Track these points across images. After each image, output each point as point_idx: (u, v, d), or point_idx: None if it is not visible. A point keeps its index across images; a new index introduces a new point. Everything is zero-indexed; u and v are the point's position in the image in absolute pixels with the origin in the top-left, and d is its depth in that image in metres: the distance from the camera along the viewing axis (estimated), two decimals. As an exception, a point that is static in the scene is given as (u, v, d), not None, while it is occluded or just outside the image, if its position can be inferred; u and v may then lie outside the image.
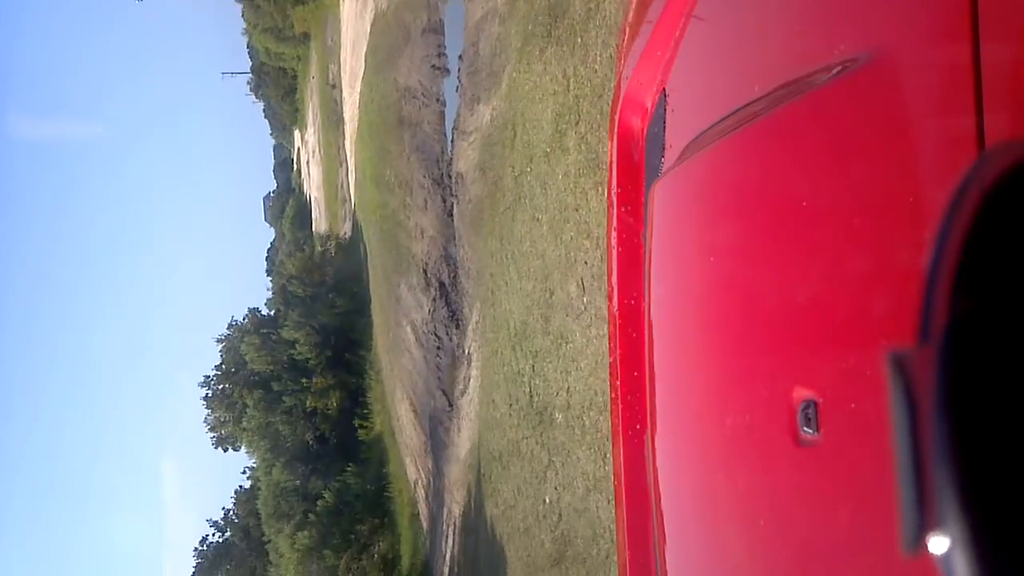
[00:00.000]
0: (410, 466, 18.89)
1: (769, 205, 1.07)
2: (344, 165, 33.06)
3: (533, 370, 7.95)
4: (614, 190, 1.68)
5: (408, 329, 17.53)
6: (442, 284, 14.95)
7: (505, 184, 8.93)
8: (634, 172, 1.65)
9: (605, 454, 6.00)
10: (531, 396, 8.06)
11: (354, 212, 29.11)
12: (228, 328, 29.26)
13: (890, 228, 0.78)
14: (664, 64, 1.53)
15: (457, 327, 13.69)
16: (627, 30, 1.74)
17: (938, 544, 0.55)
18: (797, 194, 0.99)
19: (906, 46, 0.80)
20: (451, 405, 14.40)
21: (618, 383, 1.61)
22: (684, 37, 1.45)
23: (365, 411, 24.62)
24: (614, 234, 1.66)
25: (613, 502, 1.67)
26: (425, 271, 15.87)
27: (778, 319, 1.01)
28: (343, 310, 25.43)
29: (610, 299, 1.67)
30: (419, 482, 17.93)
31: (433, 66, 15.13)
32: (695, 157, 1.32)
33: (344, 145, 32.64)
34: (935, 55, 0.77)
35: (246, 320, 28.41)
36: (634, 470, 1.56)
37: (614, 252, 1.66)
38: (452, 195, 13.56)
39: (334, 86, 35.85)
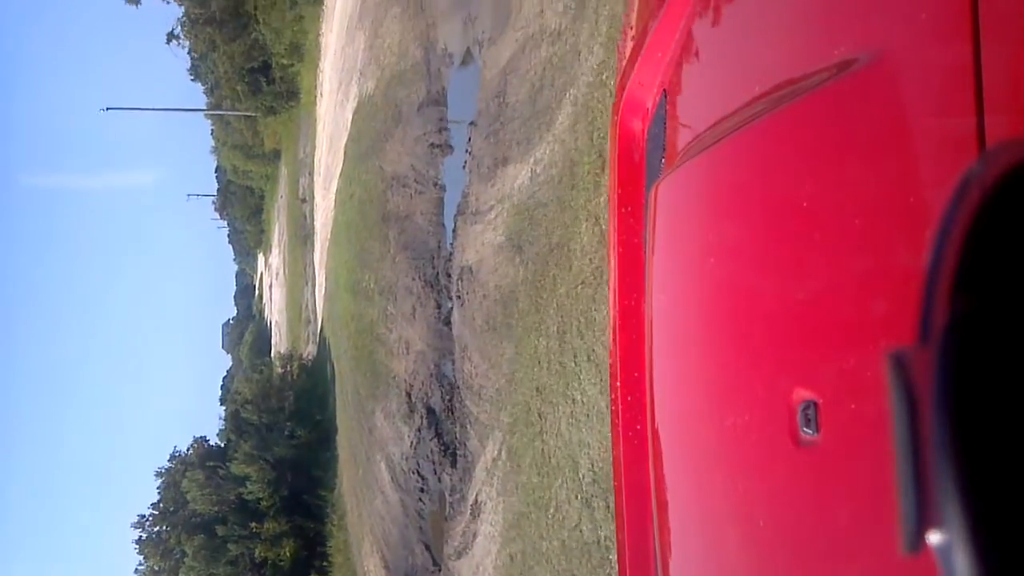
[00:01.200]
0: (378, 639, 15.75)
1: (769, 206, 1.07)
2: (310, 283, 31.39)
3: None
4: (615, 191, 1.68)
5: (383, 466, 15.01)
6: (430, 410, 12.67)
7: (576, 249, 6.01)
8: (635, 173, 1.65)
9: None
10: (626, 585, 4.92)
11: (320, 331, 26.70)
12: (170, 460, 25.85)
13: (890, 228, 0.78)
14: (664, 64, 1.54)
15: (453, 465, 11.27)
16: (627, 30, 1.76)
17: (938, 543, 0.55)
18: (797, 195, 0.99)
19: (906, 46, 0.81)
20: (437, 565, 12.02)
21: (618, 384, 1.61)
22: (685, 38, 1.45)
23: (324, 564, 21.46)
24: (615, 235, 1.67)
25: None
26: (409, 394, 13.53)
27: (778, 320, 1.01)
28: (303, 442, 22.42)
29: (611, 300, 1.67)
30: (390, 661, 14.81)
31: (432, 144, 12.70)
32: (695, 158, 1.33)
33: (312, 260, 30.80)
34: (935, 55, 0.77)
35: (190, 451, 25.08)
36: (634, 471, 1.55)
37: (615, 253, 1.66)
38: (451, 297, 11.34)
39: (304, 200, 34.22)
